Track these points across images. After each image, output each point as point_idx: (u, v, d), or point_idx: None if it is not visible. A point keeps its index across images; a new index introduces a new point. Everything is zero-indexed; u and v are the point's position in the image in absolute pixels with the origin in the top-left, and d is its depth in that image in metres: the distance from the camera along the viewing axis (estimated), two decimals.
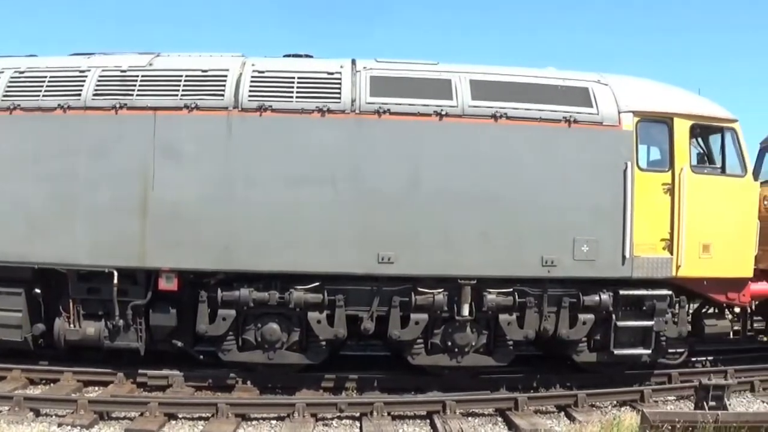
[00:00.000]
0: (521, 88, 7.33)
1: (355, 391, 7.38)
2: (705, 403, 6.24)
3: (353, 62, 7.42)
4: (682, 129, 7.45)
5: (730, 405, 6.55)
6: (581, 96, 7.37)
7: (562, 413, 6.94)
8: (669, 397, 7.50)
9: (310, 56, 7.67)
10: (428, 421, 6.63)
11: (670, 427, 5.44)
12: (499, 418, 6.75)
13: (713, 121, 7.69)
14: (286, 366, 7.34)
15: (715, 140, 7.80)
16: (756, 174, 8.87)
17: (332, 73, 7.18)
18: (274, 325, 7.09)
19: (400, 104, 7.02)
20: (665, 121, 7.47)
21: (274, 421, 6.50)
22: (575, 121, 7.14)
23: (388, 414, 6.61)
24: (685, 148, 7.45)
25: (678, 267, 7.32)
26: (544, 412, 7.01)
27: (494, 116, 7.05)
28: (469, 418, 6.73)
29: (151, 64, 7.19)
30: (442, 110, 7.00)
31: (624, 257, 7.14)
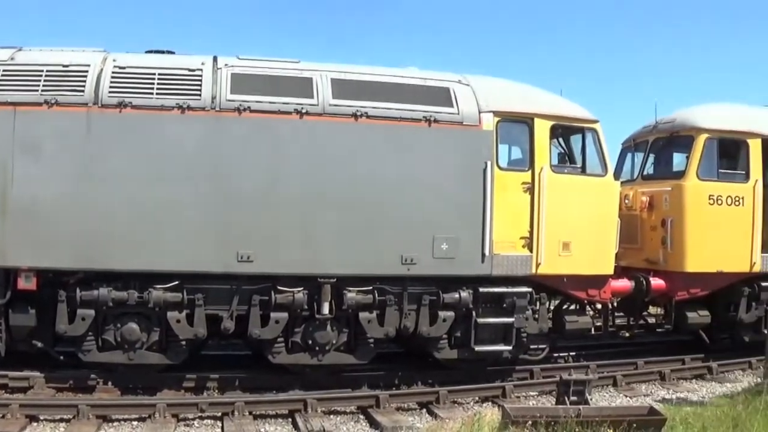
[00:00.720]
0: (382, 87, 8.39)
1: (216, 391, 8.21)
2: (566, 398, 7.46)
3: (215, 59, 8.25)
4: (542, 129, 8.75)
5: (591, 400, 7.70)
6: (442, 96, 8.53)
7: (424, 410, 8.02)
8: (531, 393, 8.81)
9: (172, 52, 8.47)
10: (290, 419, 7.52)
11: (531, 423, 6.43)
12: (361, 416, 7.69)
13: (574, 121, 9.04)
14: (146, 366, 8.11)
15: (576, 140, 9.12)
16: (617, 173, 10.63)
17: (193, 70, 8.06)
18: (134, 325, 7.92)
19: (260, 102, 7.94)
20: (526, 121, 8.73)
21: (135, 422, 7.21)
22: (436, 121, 8.30)
23: (250, 413, 7.44)
24: (545, 148, 8.74)
25: (538, 264, 8.64)
26: (405, 409, 8.05)
27: (355, 115, 8.12)
28: (331, 416, 7.65)
29: (12, 59, 7.83)
30: (302, 108, 7.99)
31: (484, 255, 8.38)
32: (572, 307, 9.66)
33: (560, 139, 9.31)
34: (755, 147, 10.63)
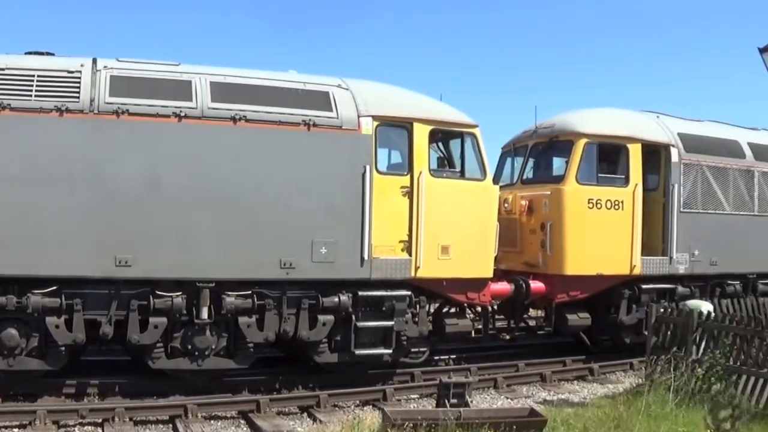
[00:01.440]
0: (262, 91, 11.48)
1: (96, 397, 10.72)
2: (446, 401, 10.34)
3: (94, 61, 10.97)
4: (421, 134, 12.17)
5: (472, 402, 10.90)
6: (322, 100, 11.73)
7: (305, 414, 10.74)
8: (412, 396, 12.12)
9: (52, 54, 11.16)
10: (171, 425, 10.02)
11: (411, 426, 8.48)
12: (242, 421, 10.25)
13: (453, 126, 12.57)
14: (26, 372, 10.65)
15: (455, 145, 12.71)
16: (497, 177, 14.68)
17: (72, 72, 10.70)
18: (13, 331, 10.07)
19: (139, 105, 10.62)
20: (405, 125, 12.14)
21: (16, 429, 9.21)
22: (315, 125, 11.42)
23: (131, 419, 9.97)
24: (424, 153, 12.16)
25: (417, 268, 12.01)
26: (287, 413, 10.79)
27: (234, 119, 11.05)
28: (212, 422, 10.16)
29: None
30: (181, 112, 10.84)
31: (363, 259, 11.58)
32: (452, 310, 13.30)
33: (439, 144, 12.96)
34: (635, 152, 14.71)
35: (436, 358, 14.17)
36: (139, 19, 63.88)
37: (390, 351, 12.21)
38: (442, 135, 12.83)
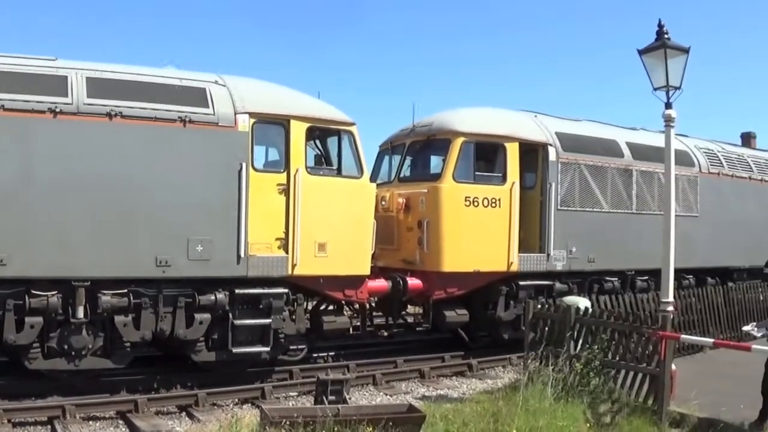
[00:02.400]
0: (138, 86, 12.75)
1: None
2: (325, 398, 11.52)
3: None
4: (298, 131, 13.74)
5: (351, 399, 12.27)
6: (198, 96, 13.08)
7: (184, 413, 11.98)
8: (291, 393, 13.59)
9: None
10: (50, 426, 10.83)
11: (289, 423, 9.23)
12: (121, 421, 11.35)
13: (330, 124, 14.25)
14: None
15: (332, 142, 14.39)
16: (375, 175, 16.50)
17: None
18: None
19: (14, 100, 11.44)
20: (282, 123, 13.70)
21: None
22: (191, 121, 12.74)
23: (9, 421, 10.63)
24: (300, 150, 13.74)
25: (294, 266, 13.57)
26: (165, 413, 11.97)
27: (109, 114, 12.25)
28: (90, 422, 11.20)
29: None
30: (56, 107, 11.92)
31: (239, 257, 13.02)
32: (330, 307, 15.01)
33: (316, 141, 14.68)
34: (512, 150, 16.80)
35: (315, 355, 15.96)
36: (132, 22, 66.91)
37: (268, 349, 13.69)
38: (319, 132, 14.52)
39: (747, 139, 33.24)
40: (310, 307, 14.93)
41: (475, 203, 16.21)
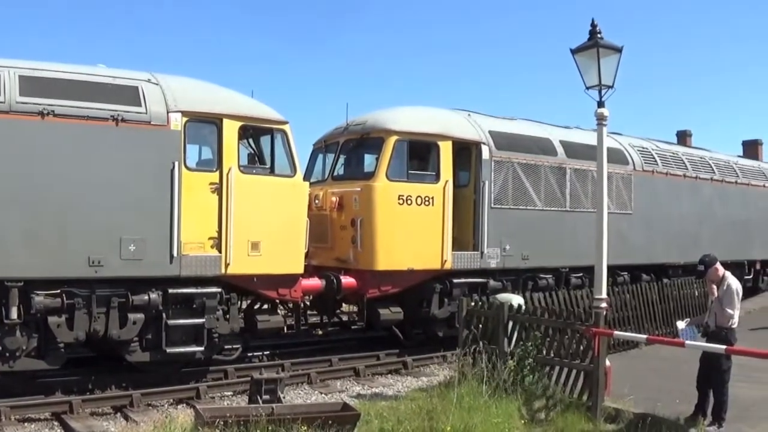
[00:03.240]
0: (71, 85, 13.07)
1: None
2: (259, 397, 11.99)
3: None
4: (231, 130, 14.26)
5: (285, 398, 12.86)
6: (130, 95, 13.49)
7: (119, 414, 12.36)
8: (226, 393, 14.11)
9: None
10: None
11: (224, 423, 9.60)
12: (56, 422, 11.65)
13: (263, 122, 14.80)
14: None
15: (265, 141, 14.96)
16: (308, 174, 17.11)
17: None
18: None
19: None
20: (214, 121, 14.20)
21: None
22: (123, 120, 13.15)
23: None
24: (233, 149, 14.27)
25: (227, 265, 14.05)
26: (100, 414, 12.34)
27: (42, 113, 12.55)
28: (26, 424, 11.52)
29: None
30: None
31: (172, 256, 13.47)
32: (264, 306, 15.56)
33: (249, 140, 15.25)
34: (446, 149, 17.52)
35: (250, 354, 16.51)
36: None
37: (202, 348, 14.17)
38: (252, 131, 15.06)
39: (683, 137, 34.77)
40: (244, 307, 15.50)
41: (409, 202, 16.88)
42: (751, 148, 37.96)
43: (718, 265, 11.28)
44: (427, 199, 17.13)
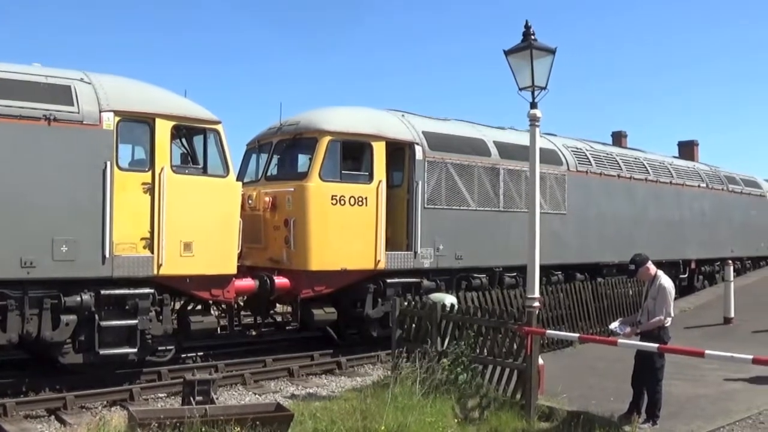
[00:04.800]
0: (2, 84, 13.36)
1: None
2: (192, 399, 12.59)
3: None
4: (163, 129, 14.88)
5: (219, 399, 13.49)
6: (63, 94, 14.00)
7: (53, 417, 12.76)
8: (160, 395, 14.75)
9: None
10: None
11: (158, 425, 9.94)
12: None
13: (196, 122, 15.47)
14: None
15: (198, 141, 15.63)
16: (242, 174, 17.85)
17: None
18: None
19: None
20: (147, 121, 14.81)
21: None
22: (56, 120, 13.63)
23: None
24: (165, 149, 14.88)
25: (159, 266, 14.67)
26: (35, 416, 12.72)
27: None
28: None
29: None
30: None
31: (104, 257, 14.01)
32: (198, 307, 16.23)
33: (182, 140, 15.93)
34: (379, 149, 18.47)
35: (184, 355, 17.25)
36: None
37: (135, 350, 14.74)
38: (185, 131, 15.74)
39: (618, 138, 36.17)
40: (177, 308, 16.18)
41: (342, 202, 17.72)
42: (686, 149, 39.53)
43: (650, 264, 11.93)
44: (360, 199, 17.98)
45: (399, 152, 19.29)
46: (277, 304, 19.23)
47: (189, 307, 16.26)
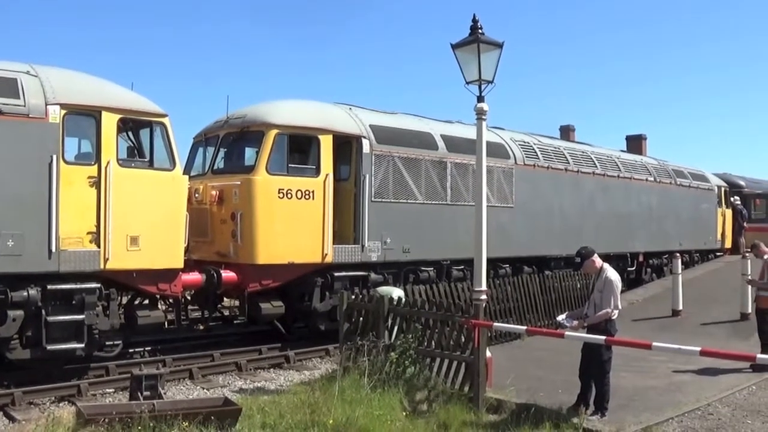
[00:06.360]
0: None
1: None
2: (140, 394, 12.87)
3: None
4: (109, 122, 15.21)
5: (166, 393, 13.85)
6: (8, 87, 14.24)
7: (1, 413, 12.95)
8: (108, 390, 15.08)
9: None
10: None
11: (107, 420, 10.31)
12: None
13: (142, 115, 15.85)
14: None
15: (144, 134, 16.02)
16: (188, 167, 18.27)
17: None
18: None
19: None
20: (93, 114, 15.13)
21: None
22: (1, 113, 13.85)
23: None
24: (111, 142, 15.23)
25: (106, 260, 15.03)
26: None
27: None
28: None
29: None
30: None
31: (50, 251, 14.30)
32: (145, 301, 16.63)
33: (129, 133, 16.33)
34: (326, 143, 19.08)
35: (132, 350, 17.69)
36: None
37: (82, 345, 15.04)
38: (131, 124, 16.11)
39: (566, 132, 37.05)
40: (124, 302, 16.55)
41: (289, 195, 18.24)
42: (634, 143, 40.51)
43: (596, 257, 12.40)
44: (307, 192, 18.50)
45: (346, 146, 19.87)
46: (225, 298, 19.74)
47: (136, 302, 16.67)
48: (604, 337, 11.50)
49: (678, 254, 25.75)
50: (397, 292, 16.03)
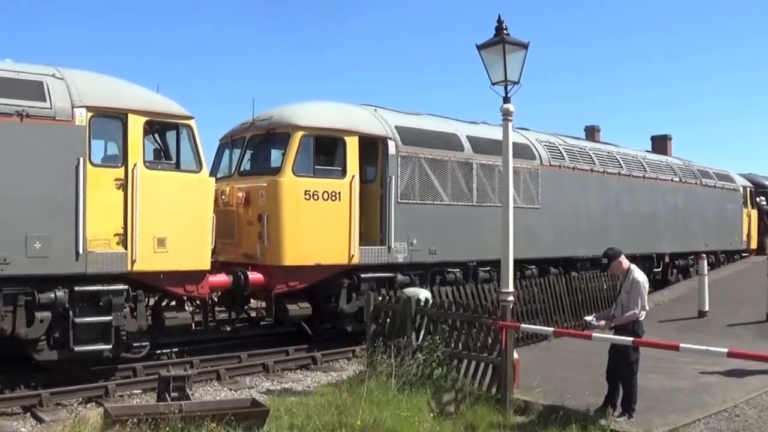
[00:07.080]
0: None
1: None
2: (167, 395, 12.84)
3: None
4: (136, 125, 15.23)
5: (194, 395, 13.76)
6: (35, 90, 14.30)
7: (29, 414, 12.98)
8: (135, 391, 15.09)
9: None
10: None
11: (135, 421, 10.23)
12: None
13: (169, 117, 15.85)
14: None
15: (170, 136, 16.01)
16: (215, 169, 18.21)
17: None
18: None
19: None
20: (120, 117, 15.16)
21: None
22: (28, 116, 13.92)
23: None
24: (138, 144, 15.24)
25: (133, 262, 15.03)
26: (10, 414, 12.93)
27: None
28: None
29: None
30: None
31: (78, 253, 14.31)
32: (171, 303, 16.62)
33: (155, 135, 16.28)
34: (352, 144, 18.94)
35: (159, 352, 17.63)
36: None
37: (110, 346, 15.07)
38: (157, 126, 16.10)
39: (591, 133, 36.82)
40: (151, 303, 16.48)
41: (315, 197, 18.16)
42: (659, 143, 40.17)
43: (623, 258, 12.25)
44: (333, 194, 18.42)
45: (372, 147, 19.77)
46: (252, 300, 19.63)
47: (163, 303, 16.63)
48: (631, 339, 11.37)
49: (704, 255, 25.51)
50: (423, 294, 15.95)
